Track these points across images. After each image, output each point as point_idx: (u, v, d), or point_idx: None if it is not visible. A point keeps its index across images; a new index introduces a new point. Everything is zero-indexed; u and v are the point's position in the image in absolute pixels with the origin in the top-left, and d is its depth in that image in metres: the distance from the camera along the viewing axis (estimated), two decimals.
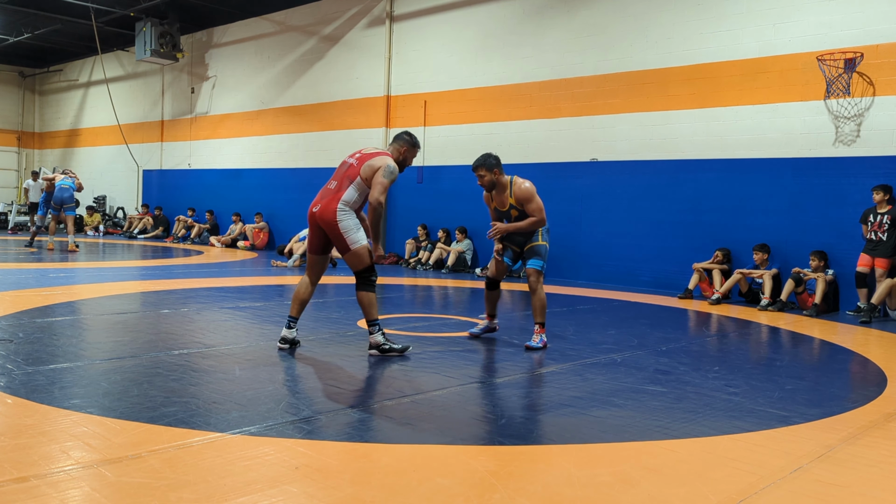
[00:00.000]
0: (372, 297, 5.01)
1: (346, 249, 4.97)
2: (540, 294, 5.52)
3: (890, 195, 8.15)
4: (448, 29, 12.87)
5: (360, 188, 5.02)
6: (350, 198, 5.00)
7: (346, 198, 4.99)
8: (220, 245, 16.15)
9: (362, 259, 4.98)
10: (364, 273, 4.99)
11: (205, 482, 2.65)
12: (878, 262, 8.12)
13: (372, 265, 5.02)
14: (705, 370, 5.01)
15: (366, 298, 4.99)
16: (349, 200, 4.99)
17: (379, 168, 4.98)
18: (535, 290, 5.51)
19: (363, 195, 5.04)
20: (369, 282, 4.99)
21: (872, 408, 4.15)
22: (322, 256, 5.22)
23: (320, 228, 5.07)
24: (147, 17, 16.34)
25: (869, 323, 7.65)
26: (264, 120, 16.33)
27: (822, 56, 8.73)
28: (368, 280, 4.99)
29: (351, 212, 5.00)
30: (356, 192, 5.02)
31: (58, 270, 9.92)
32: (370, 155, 5.10)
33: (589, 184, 11.02)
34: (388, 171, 4.98)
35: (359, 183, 5.01)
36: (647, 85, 10.44)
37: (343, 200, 4.98)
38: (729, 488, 2.80)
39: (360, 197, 5.04)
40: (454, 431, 3.45)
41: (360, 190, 5.02)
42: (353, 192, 5.01)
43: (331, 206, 4.98)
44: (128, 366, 4.47)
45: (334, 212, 4.95)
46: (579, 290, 9.98)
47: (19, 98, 24.15)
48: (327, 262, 5.30)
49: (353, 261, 4.98)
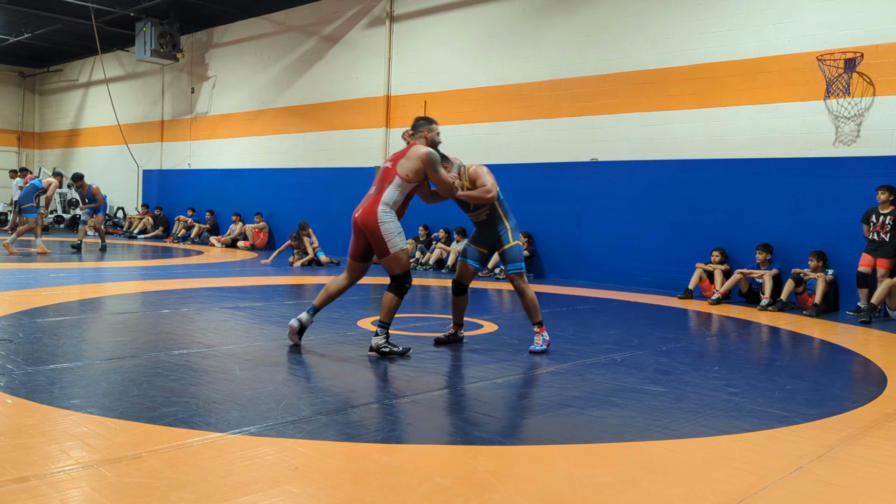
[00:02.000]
0: (395, 302, 5.02)
1: (385, 253, 4.96)
2: (528, 294, 5.41)
3: (895, 195, 8.13)
4: (448, 29, 12.87)
5: (403, 187, 5.02)
6: (390, 198, 5.00)
7: (385, 199, 4.98)
8: (220, 245, 16.15)
9: (400, 263, 4.99)
10: (399, 277, 5.02)
11: (205, 482, 2.65)
12: (880, 262, 8.11)
13: (408, 272, 5.04)
14: (705, 370, 5.01)
15: (390, 300, 5.01)
16: (390, 201, 4.99)
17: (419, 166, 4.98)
18: (522, 291, 5.39)
19: (404, 194, 5.05)
20: (402, 287, 5.02)
21: (872, 408, 4.14)
22: (363, 264, 5.22)
23: (363, 234, 5.06)
24: (147, 17, 16.35)
25: (869, 323, 7.65)
26: (264, 120, 16.33)
27: (822, 56, 8.73)
28: (402, 285, 5.02)
29: (393, 213, 5.00)
30: (397, 191, 5.02)
31: (58, 270, 9.92)
32: (402, 153, 5.12)
33: (589, 184, 11.02)
34: (431, 160, 4.98)
35: (399, 182, 5.01)
36: (647, 85, 10.44)
37: (383, 202, 4.98)
38: (729, 488, 2.80)
39: (402, 196, 5.04)
40: (454, 431, 3.45)
41: (401, 189, 5.02)
42: (394, 192, 5.01)
43: (372, 208, 4.97)
44: (128, 366, 4.47)
45: (376, 213, 4.94)
46: (579, 290, 9.98)
47: (19, 98, 24.15)
48: (367, 269, 5.29)
49: (390, 264, 4.98)
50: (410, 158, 5.01)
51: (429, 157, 5.00)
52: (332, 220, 14.68)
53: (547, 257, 11.52)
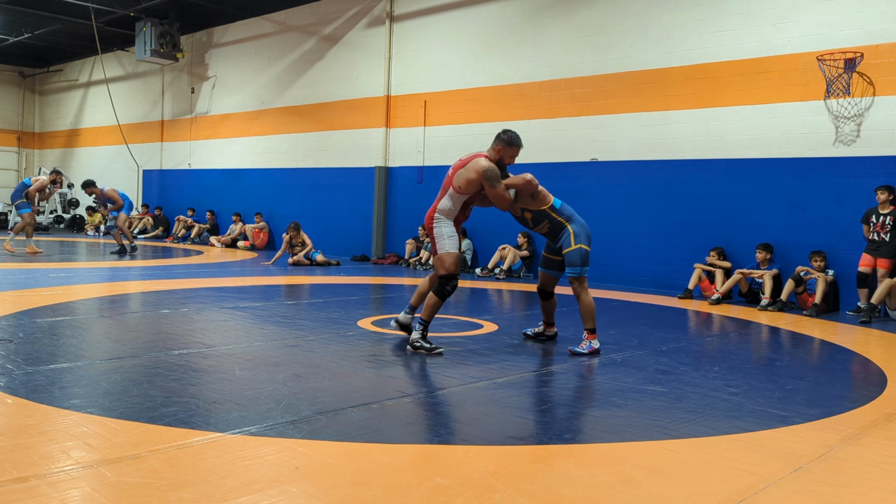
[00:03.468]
0: (435, 302, 5.24)
1: (435, 252, 5.37)
2: (584, 299, 5.39)
3: (894, 195, 8.13)
4: (448, 29, 12.87)
5: (455, 198, 5.30)
6: (444, 207, 5.33)
7: (440, 207, 5.35)
8: (220, 245, 16.16)
9: (444, 265, 5.26)
10: (443, 279, 5.25)
11: (205, 482, 2.65)
12: (880, 262, 8.11)
13: (453, 274, 5.26)
14: (705, 370, 5.01)
15: (431, 299, 5.26)
16: (444, 209, 5.33)
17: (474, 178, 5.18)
18: (578, 296, 5.42)
19: (458, 204, 5.31)
20: (443, 289, 5.24)
21: (872, 408, 4.15)
22: None
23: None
24: (147, 17, 16.34)
25: (869, 323, 7.65)
26: (264, 120, 16.33)
27: (822, 56, 8.73)
28: (443, 287, 5.24)
29: (445, 220, 5.33)
30: (450, 201, 5.31)
31: (58, 270, 9.93)
32: (463, 163, 5.33)
33: (589, 184, 11.02)
34: (488, 176, 5.14)
35: (452, 193, 5.29)
36: (646, 85, 10.44)
37: (438, 209, 5.35)
38: (729, 488, 2.80)
39: (455, 206, 5.32)
40: (454, 431, 3.45)
41: (453, 199, 5.30)
42: (448, 202, 5.32)
43: (430, 214, 5.40)
44: (128, 366, 4.47)
45: (432, 219, 5.38)
46: None
47: (19, 98, 24.15)
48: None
49: (437, 264, 5.32)
50: (468, 170, 5.23)
51: (486, 172, 5.16)
52: (332, 220, 14.69)
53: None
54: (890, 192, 8.11)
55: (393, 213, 13.78)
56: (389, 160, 13.87)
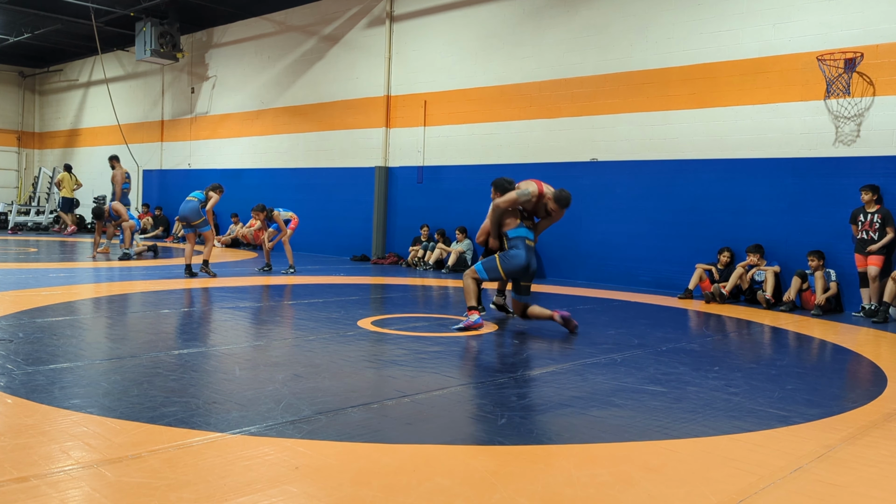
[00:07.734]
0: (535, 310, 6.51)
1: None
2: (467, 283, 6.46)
3: (878, 194, 8.21)
4: (448, 29, 12.87)
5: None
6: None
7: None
8: (220, 245, 16.15)
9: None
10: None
11: (205, 482, 2.65)
12: (870, 259, 8.17)
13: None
14: (705, 370, 5.01)
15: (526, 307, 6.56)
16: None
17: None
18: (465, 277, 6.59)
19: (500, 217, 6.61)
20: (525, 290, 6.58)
21: (872, 408, 4.15)
22: None
23: None
24: (147, 17, 16.34)
25: (884, 323, 7.61)
26: (264, 120, 16.33)
27: (822, 56, 8.73)
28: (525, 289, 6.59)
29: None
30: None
31: (58, 270, 9.93)
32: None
33: (589, 184, 11.01)
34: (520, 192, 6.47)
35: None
36: (646, 85, 10.44)
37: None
38: (729, 488, 2.80)
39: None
40: (454, 431, 3.45)
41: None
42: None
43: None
44: (128, 366, 4.47)
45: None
46: (579, 289, 9.98)
47: (19, 98, 24.15)
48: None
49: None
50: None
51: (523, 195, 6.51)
52: (332, 220, 14.69)
53: (547, 257, 11.51)
54: (874, 191, 8.21)
55: (393, 213, 13.78)
56: (389, 160, 13.86)
